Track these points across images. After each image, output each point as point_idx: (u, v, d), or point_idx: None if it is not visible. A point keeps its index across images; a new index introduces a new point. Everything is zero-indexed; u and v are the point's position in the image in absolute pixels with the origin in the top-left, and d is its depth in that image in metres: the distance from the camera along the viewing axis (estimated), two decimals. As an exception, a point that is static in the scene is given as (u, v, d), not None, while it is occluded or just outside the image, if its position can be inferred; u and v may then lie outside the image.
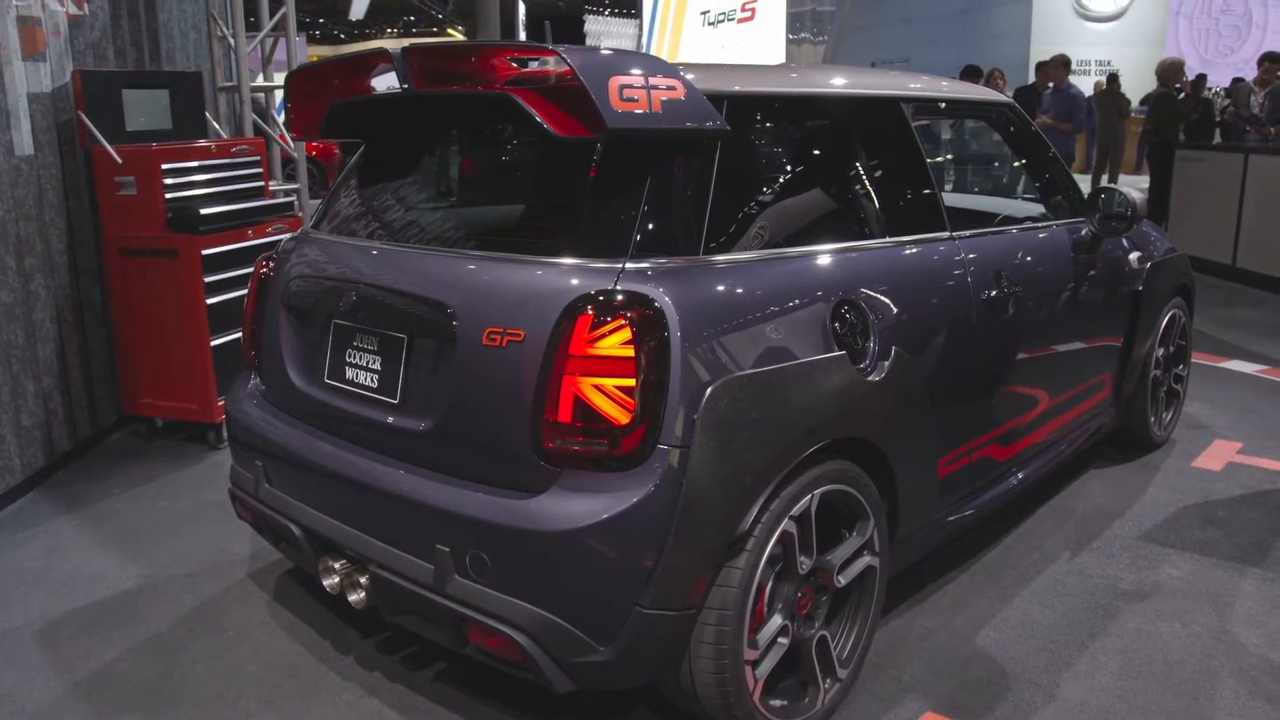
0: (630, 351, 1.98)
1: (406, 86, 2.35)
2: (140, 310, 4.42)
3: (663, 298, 2.03)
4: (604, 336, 2.00)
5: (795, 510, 2.22)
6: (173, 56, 5.33)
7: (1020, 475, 3.28)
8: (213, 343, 4.35)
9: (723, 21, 25.87)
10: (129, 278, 4.39)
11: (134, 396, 4.55)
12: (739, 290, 2.19)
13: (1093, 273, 3.60)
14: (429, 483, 2.22)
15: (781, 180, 2.58)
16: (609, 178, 2.23)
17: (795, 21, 24.34)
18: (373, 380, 2.41)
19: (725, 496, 2.04)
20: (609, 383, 1.99)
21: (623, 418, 1.98)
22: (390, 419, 2.35)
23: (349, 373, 2.48)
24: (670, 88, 2.13)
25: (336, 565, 2.42)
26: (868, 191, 2.70)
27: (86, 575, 3.27)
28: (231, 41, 5.00)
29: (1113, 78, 13.66)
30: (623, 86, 2.03)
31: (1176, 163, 9.32)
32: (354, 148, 3.01)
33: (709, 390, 2.02)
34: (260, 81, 5.54)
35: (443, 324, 2.21)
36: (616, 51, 2.16)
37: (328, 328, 2.56)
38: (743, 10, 25.76)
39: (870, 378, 2.40)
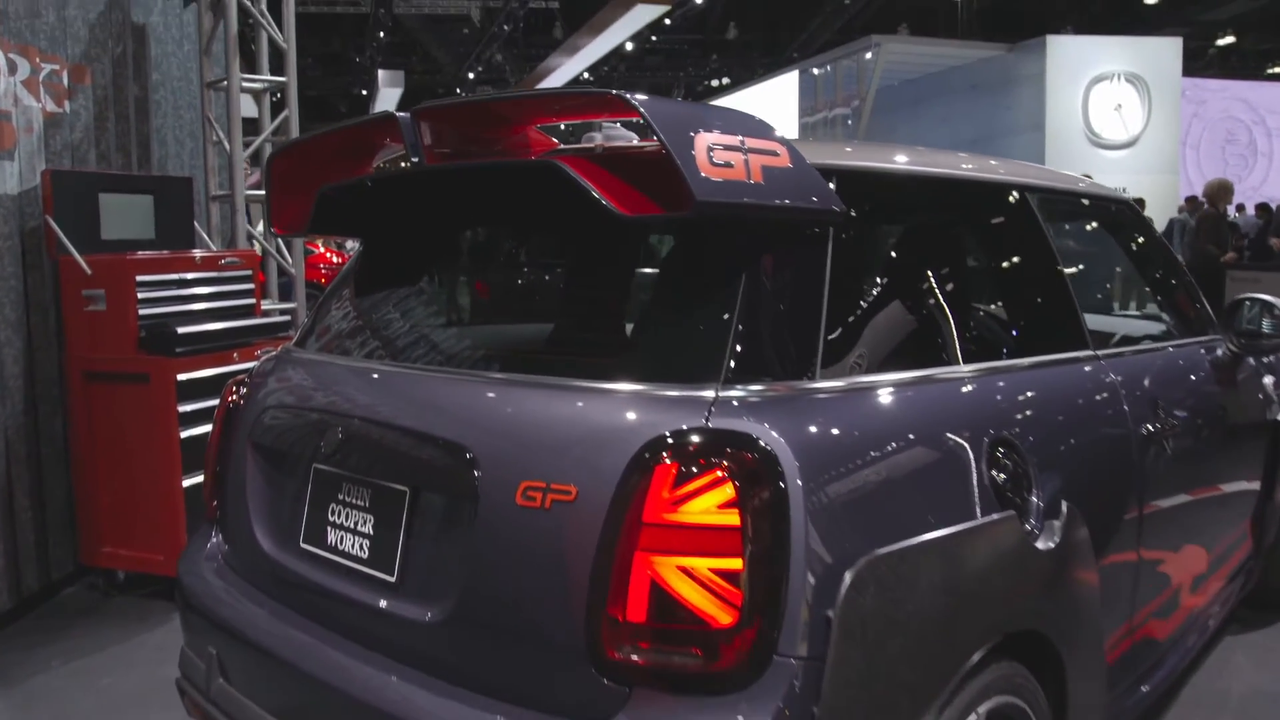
0: (733, 518, 1.37)
1: (416, 161, 1.80)
2: (104, 444, 3.82)
3: (775, 439, 1.42)
4: (694, 496, 1.38)
5: (958, 741, 1.56)
6: (165, 165, 4.87)
7: (1179, 654, 2.61)
8: (185, 483, 3.73)
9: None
10: (93, 406, 3.81)
11: (93, 544, 3.91)
12: (872, 428, 1.58)
13: (1232, 401, 3.00)
14: (435, 698, 1.57)
15: (902, 281, 2.00)
16: (692, 273, 1.65)
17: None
18: (362, 548, 1.79)
19: (874, 733, 1.39)
20: (702, 564, 1.37)
21: (724, 616, 1.35)
22: (384, 603, 1.71)
23: (331, 536, 1.86)
24: (772, 153, 1.57)
25: (304, 806, 1.75)
26: (1003, 298, 2.13)
27: (-5, 786, 2.57)
28: (227, 146, 4.55)
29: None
30: (713, 147, 1.48)
31: (1228, 283, 8.85)
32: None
33: (848, 575, 1.39)
34: (258, 191, 5.08)
35: (459, 475, 1.59)
36: (693, 102, 1.62)
37: (307, 474, 1.95)
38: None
39: (1039, 544, 1.77)
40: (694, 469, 1.39)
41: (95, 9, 4.29)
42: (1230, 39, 23.40)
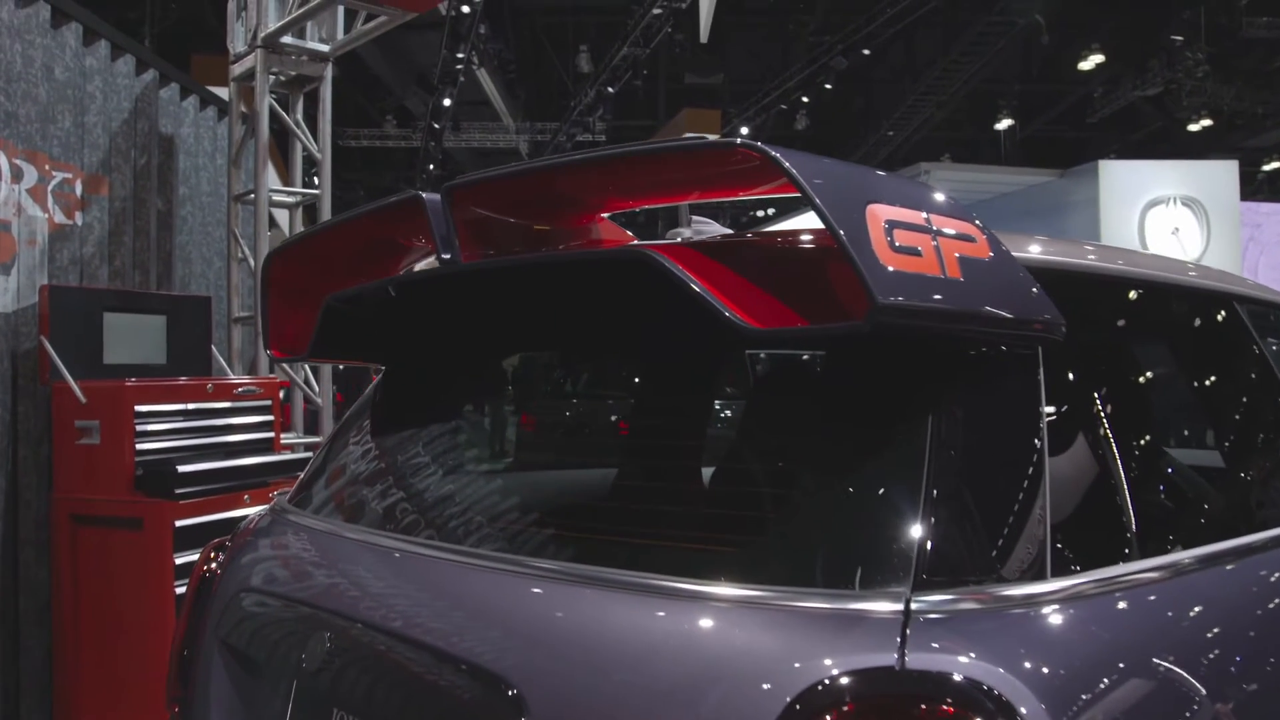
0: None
1: (448, 258, 1.31)
2: (89, 599, 3.30)
3: (1014, 686, 0.87)
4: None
5: None
6: (188, 284, 4.50)
7: None
8: (178, 646, 3.18)
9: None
10: (80, 554, 3.31)
11: (70, 717, 3.35)
12: (1147, 658, 1.02)
13: None
14: None
15: (1122, 427, 1.44)
16: (849, 417, 1.12)
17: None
18: (355, 814, 1.23)
19: None
20: None
21: None
22: None
23: (314, 786, 1.30)
24: (967, 239, 1.06)
25: None
26: (1229, 444, 1.57)
27: None
28: (251, 263, 4.16)
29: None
30: (892, 226, 0.97)
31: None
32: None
33: None
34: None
35: (500, 723, 1.04)
36: (849, 163, 1.12)
37: (288, 693, 1.40)
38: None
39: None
40: (887, 743, 0.84)
41: (119, 117, 3.99)
42: (1277, 164, 23.05)
